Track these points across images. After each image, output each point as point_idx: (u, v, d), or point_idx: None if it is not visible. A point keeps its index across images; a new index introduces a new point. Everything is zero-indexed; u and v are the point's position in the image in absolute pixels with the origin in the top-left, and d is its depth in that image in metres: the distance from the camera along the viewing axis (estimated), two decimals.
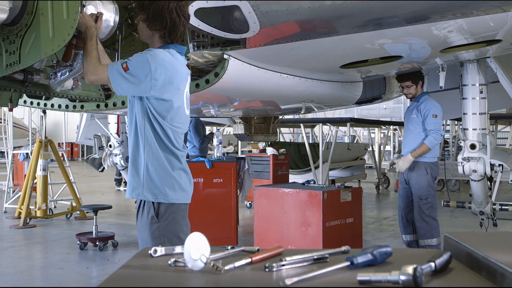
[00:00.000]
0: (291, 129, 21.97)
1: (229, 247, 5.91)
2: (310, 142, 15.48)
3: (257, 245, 6.27)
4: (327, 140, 15.13)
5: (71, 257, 7.38)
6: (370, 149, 15.27)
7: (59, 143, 25.25)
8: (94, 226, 7.81)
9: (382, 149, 16.05)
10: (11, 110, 4.42)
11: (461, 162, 6.61)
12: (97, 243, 7.66)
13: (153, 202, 3.32)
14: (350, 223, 6.13)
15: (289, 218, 6.06)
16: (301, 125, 12.43)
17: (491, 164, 6.51)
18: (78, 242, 7.75)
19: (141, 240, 3.42)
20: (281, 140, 15.65)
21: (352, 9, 4.09)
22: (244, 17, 4.16)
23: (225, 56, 4.75)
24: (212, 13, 4.21)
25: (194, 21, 4.20)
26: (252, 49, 4.58)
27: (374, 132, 17.86)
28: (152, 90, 3.24)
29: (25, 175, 11.46)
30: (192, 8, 4.10)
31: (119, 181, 14.88)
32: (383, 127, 16.49)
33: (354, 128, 16.04)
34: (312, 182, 6.57)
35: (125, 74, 3.22)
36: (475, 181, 6.69)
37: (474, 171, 6.57)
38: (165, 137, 3.34)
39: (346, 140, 17.57)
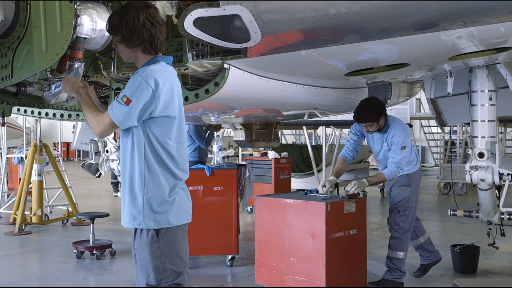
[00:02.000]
0: (294, 130, 21.74)
1: (229, 257, 5.76)
2: (313, 144, 15.25)
3: (259, 256, 6.12)
4: (330, 142, 14.90)
5: (68, 266, 7.22)
6: None
7: (54, 143, 24.90)
8: (91, 235, 7.62)
9: None
10: (3, 124, 4.25)
11: (469, 171, 6.42)
12: (94, 252, 7.47)
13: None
14: (354, 234, 5.93)
15: (291, 230, 5.86)
16: (304, 127, 12.23)
17: (499, 173, 6.32)
18: (75, 251, 7.57)
19: (141, 260, 3.27)
20: (283, 141, 15.44)
21: (357, 18, 3.91)
22: (245, 26, 3.98)
23: (225, 66, 4.57)
24: (212, 23, 4.03)
25: (193, 31, 4.04)
26: (254, 57, 4.41)
27: None
28: (158, 108, 3.14)
29: (19, 179, 11.26)
30: (191, 17, 3.94)
31: (116, 185, 14.58)
32: None
33: None
34: (315, 191, 6.37)
35: (127, 108, 3.09)
36: (483, 190, 6.50)
37: (482, 180, 6.38)
38: (169, 160, 3.22)
39: None
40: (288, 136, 20.84)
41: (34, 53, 3.44)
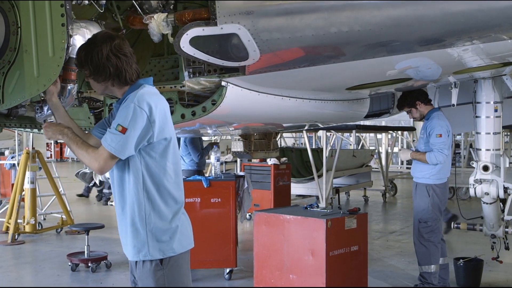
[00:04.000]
0: (293, 133, 21.52)
1: (227, 270, 5.59)
2: (313, 147, 15.04)
3: (257, 273, 5.97)
4: (331, 144, 14.70)
5: (62, 280, 7.06)
6: (377, 151, 14.87)
7: (47, 143, 24.48)
8: (86, 246, 7.45)
9: (390, 151, 15.63)
10: None
11: (473, 184, 6.28)
12: (89, 265, 7.31)
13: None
14: (355, 251, 5.80)
15: (291, 246, 5.73)
16: (304, 131, 12.04)
17: (504, 187, 6.18)
18: (69, 263, 7.40)
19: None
20: (283, 145, 15.24)
21: (359, 37, 3.76)
22: (243, 45, 3.84)
23: (223, 83, 4.41)
24: (209, 41, 3.88)
25: (189, 50, 3.89)
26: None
27: (381, 134, 17.26)
28: (155, 132, 3.03)
29: (12, 184, 11.05)
30: (187, 36, 3.79)
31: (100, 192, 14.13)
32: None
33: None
34: (315, 206, 6.22)
35: (124, 137, 2.94)
36: (487, 203, 6.36)
37: (487, 193, 6.25)
38: (169, 183, 3.11)
39: (351, 142, 17.09)
40: (288, 139, 20.61)
41: (25, 78, 3.34)
